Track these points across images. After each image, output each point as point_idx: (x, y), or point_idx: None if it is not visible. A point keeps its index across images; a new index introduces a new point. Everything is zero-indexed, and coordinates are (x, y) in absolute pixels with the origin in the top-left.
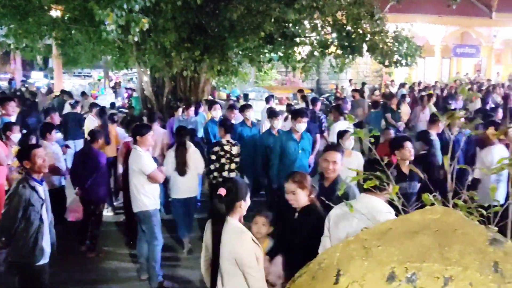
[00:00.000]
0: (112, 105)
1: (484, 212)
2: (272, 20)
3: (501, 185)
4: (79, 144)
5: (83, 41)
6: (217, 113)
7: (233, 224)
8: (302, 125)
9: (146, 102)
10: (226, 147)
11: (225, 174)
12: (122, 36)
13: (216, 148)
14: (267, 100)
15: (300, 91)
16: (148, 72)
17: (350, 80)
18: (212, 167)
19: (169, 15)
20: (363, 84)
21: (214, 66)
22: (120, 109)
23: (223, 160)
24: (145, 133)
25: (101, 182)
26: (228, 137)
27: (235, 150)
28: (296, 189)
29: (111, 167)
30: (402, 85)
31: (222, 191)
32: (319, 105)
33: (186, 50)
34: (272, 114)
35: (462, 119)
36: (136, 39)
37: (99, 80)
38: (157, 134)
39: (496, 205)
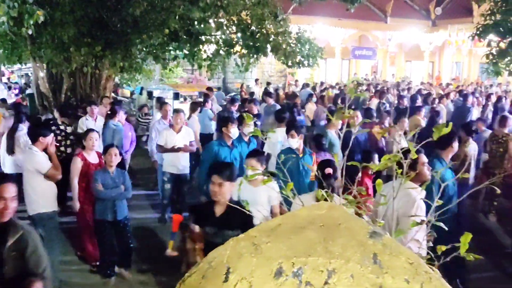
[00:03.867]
0: (3, 101)
1: (371, 206)
2: (177, 17)
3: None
4: None
5: None
6: (249, 129)
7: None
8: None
9: (42, 99)
10: (62, 127)
11: (62, 149)
12: (15, 29)
13: (53, 128)
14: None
15: (209, 89)
16: (45, 68)
17: (256, 80)
18: None
19: (67, 8)
20: (268, 84)
21: (116, 63)
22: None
23: (59, 138)
24: (48, 134)
25: None
26: (64, 119)
27: (69, 129)
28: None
29: None
30: (306, 85)
31: (329, 170)
32: (237, 106)
33: (86, 45)
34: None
35: (360, 117)
36: (30, 32)
37: None
38: None
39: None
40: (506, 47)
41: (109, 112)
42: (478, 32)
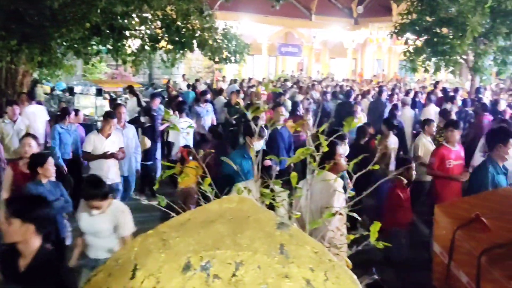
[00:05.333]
0: None
1: (287, 199)
2: (98, 11)
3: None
4: None
5: None
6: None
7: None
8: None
9: None
10: None
11: None
12: None
13: None
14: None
15: (130, 87)
16: None
17: (183, 76)
18: None
19: None
20: (197, 80)
21: (34, 57)
22: None
23: None
24: None
25: None
26: None
27: None
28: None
29: None
30: (234, 81)
31: (268, 162)
32: (157, 102)
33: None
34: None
35: (284, 112)
36: None
37: None
38: None
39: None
40: (422, 45)
41: (58, 113)
42: (396, 31)
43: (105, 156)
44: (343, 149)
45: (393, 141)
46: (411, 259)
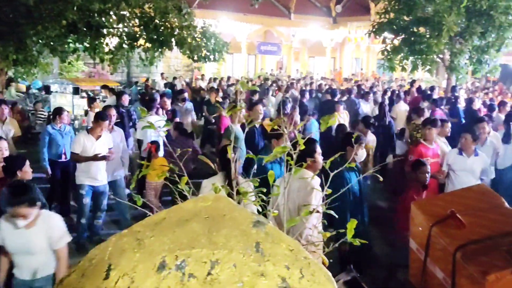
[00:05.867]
0: None
1: (264, 197)
2: (75, 8)
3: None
4: None
5: None
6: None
7: None
8: None
9: None
10: None
11: None
12: None
13: None
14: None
15: (104, 86)
16: None
17: (162, 74)
18: None
19: None
20: (175, 78)
21: (9, 55)
22: None
23: None
24: None
25: None
26: None
27: None
28: None
29: None
30: (214, 80)
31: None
32: (126, 99)
33: None
34: None
35: (262, 110)
36: None
37: None
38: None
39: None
40: (399, 44)
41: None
42: (374, 30)
43: (96, 158)
44: (361, 153)
45: (371, 139)
46: (391, 256)
